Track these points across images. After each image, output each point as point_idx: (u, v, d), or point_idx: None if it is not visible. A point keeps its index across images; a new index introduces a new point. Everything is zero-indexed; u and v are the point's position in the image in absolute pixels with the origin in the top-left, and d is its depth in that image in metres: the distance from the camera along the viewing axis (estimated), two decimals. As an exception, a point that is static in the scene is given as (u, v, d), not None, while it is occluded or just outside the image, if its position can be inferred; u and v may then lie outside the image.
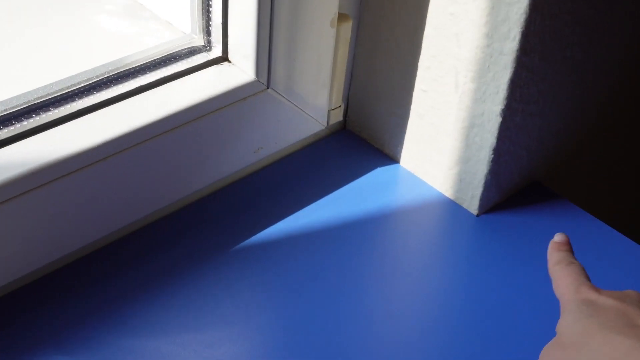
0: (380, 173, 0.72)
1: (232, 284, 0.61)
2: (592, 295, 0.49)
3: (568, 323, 0.47)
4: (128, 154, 0.57)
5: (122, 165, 0.57)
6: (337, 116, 0.71)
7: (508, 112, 0.62)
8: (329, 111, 0.69)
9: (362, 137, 0.75)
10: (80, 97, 0.58)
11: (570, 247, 0.56)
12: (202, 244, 0.63)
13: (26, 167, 0.53)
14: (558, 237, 0.57)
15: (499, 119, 0.62)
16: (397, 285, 0.63)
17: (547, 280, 0.62)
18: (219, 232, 0.64)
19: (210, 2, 0.62)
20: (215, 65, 0.63)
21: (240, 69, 0.62)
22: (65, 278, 0.59)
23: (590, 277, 0.55)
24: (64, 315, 0.57)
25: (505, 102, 0.61)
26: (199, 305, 0.59)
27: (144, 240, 0.63)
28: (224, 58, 0.63)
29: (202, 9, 0.63)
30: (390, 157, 0.73)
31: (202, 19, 0.63)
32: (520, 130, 0.65)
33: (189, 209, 0.66)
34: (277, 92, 0.64)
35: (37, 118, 0.56)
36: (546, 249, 0.65)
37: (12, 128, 0.55)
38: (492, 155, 0.64)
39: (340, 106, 0.71)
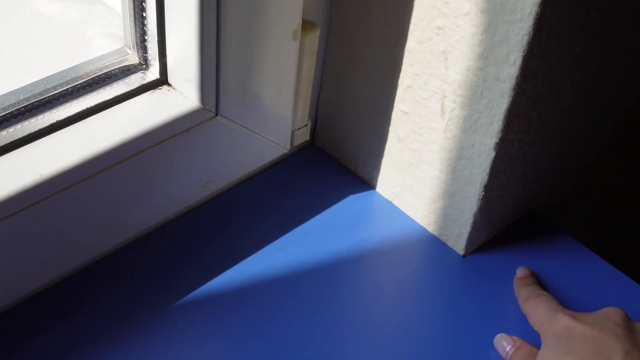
0: (353, 200, 0.62)
1: (169, 343, 0.51)
2: (569, 322, 0.49)
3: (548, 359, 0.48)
4: (40, 207, 0.46)
5: (33, 219, 0.47)
6: (303, 136, 0.60)
7: (503, 145, 0.52)
8: (292, 132, 0.59)
9: (333, 155, 0.65)
10: (-12, 133, 0.47)
11: (534, 279, 0.56)
12: (136, 293, 0.53)
13: None
14: (520, 272, 0.57)
15: (492, 153, 0.52)
16: (370, 334, 0.53)
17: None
18: (156, 280, 0.54)
19: (144, 12, 0.50)
20: (152, 90, 0.52)
21: (183, 95, 0.52)
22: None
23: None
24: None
25: (500, 135, 0.51)
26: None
27: (74, 287, 0.53)
28: (162, 81, 0.52)
29: (135, 16, 0.51)
30: (364, 181, 0.63)
31: (136, 29, 0.52)
32: (516, 161, 0.55)
33: (124, 252, 0.56)
34: (228, 119, 0.53)
35: None
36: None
37: None
38: (483, 193, 0.54)
39: (306, 125, 0.60)
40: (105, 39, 0.71)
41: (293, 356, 0.51)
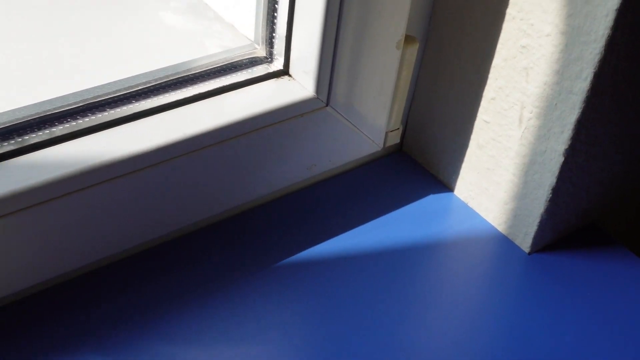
0: (433, 200, 0.70)
1: (271, 301, 0.60)
2: None
3: None
4: (179, 161, 0.56)
5: (173, 172, 0.56)
6: (395, 138, 0.69)
7: (571, 153, 0.60)
8: (386, 133, 0.68)
9: (418, 161, 0.73)
10: (137, 100, 0.57)
11: None
12: (245, 256, 0.62)
13: (77, 166, 0.52)
14: None
15: (561, 159, 0.60)
16: (439, 317, 0.61)
17: (595, 325, 0.61)
18: (263, 246, 0.63)
19: (275, 14, 0.61)
20: (275, 79, 0.61)
21: (301, 85, 0.61)
22: (106, 279, 0.59)
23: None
24: (102, 316, 0.57)
25: (569, 142, 0.59)
26: (236, 318, 0.58)
27: (187, 248, 0.62)
28: (284, 72, 0.62)
29: (267, 19, 0.61)
30: (444, 185, 0.71)
31: (266, 29, 0.62)
32: (582, 171, 0.63)
33: (236, 220, 0.65)
34: (336, 111, 0.63)
35: (93, 117, 0.55)
36: (598, 293, 0.63)
37: (67, 125, 0.55)
38: (551, 195, 0.62)
39: (398, 128, 0.69)
40: (221, 50, 0.81)
41: (374, 320, 0.59)
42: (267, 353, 0.56)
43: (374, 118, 0.65)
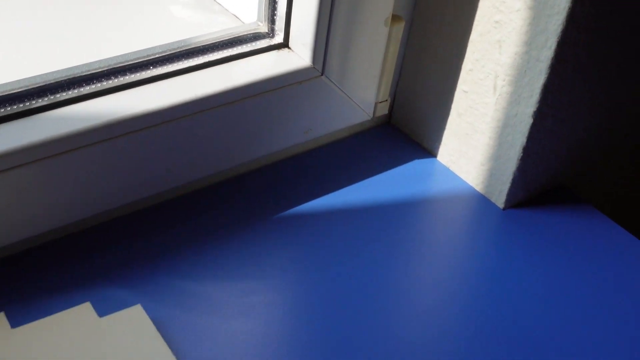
0: (417, 165, 0.77)
1: (271, 247, 0.67)
2: None
3: None
4: (190, 119, 0.63)
5: (184, 129, 0.64)
6: (383, 109, 0.77)
7: (539, 115, 0.68)
8: (375, 103, 0.75)
9: (405, 131, 0.81)
10: (154, 67, 0.65)
11: None
12: (247, 211, 0.70)
13: (101, 120, 0.60)
14: None
15: (530, 121, 0.68)
16: (423, 264, 0.68)
17: (562, 271, 0.68)
18: (264, 202, 0.71)
19: (276, -4, 0.68)
20: (276, 50, 0.69)
21: (299, 56, 0.69)
22: (134, 223, 0.67)
23: (610, 283, 0.62)
24: (128, 255, 0.64)
25: (537, 106, 0.67)
26: (243, 260, 0.65)
27: (197, 202, 0.70)
28: (284, 45, 0.70)
29: (269, 1, 0.69)
30: (428, 152, 0.79)
31: (268, 9, 0.70)
32: (550, 134, 0.70)
33: (239, 180, 0.72)
34: (330, 80, 0.70)
35: (116, 80, 0.63)
36: (566, 246, 0.70)
37: (93, 86, 0.62)
38: (522, 154, 0.70)
39: (386, 100, 0.77)
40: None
41: (362, 267, 0.66)
42: (266, 287, 0.64)
43: (365, 89, 0.73)
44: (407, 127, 0.81)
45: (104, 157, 0.61)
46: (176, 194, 0.69)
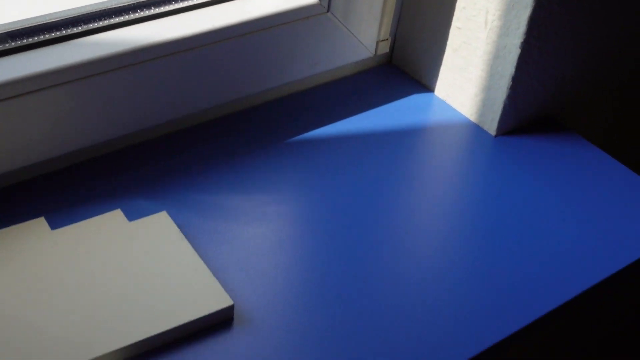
0: (416, 99, 0.84)
1: (282, 168, 0.74)
2: None
3: None
4: (210, 48, 0.70)
5: (204, 56, 0.71)
6: (384, 48, 0.83)
7: (526, 47, 0.74)
8: (377, 42, 0.82)
9: (405, 70, 0.87)
10: (175, 1, 0.72)
11: None
12: (262, 136, 0.77)
13: (129, 46, 0.67)
14: None
15: (518, 51, 0.74)
16: (421, 187, 0.75)
17: (547, 193, 0.74)
18: (274, 130, 0.78)
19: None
20: (285, -12, 0.76)
21: (307, -7, 0.76)
22: (159, 147, 0.74)
23: (593, 209, 0.69)
24: (154, 174, 0.71)
25: (524, 37, 0.73)
26: (258, 178, 0.72)
27: (218, 128, 0.77)
28: (293, -17, 0.77)
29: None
30: (426, 87, 0.85)
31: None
32: (537, 65, 0.77)
33: (252, 111, 0.79)
34: (335, 17, 0.77)
35: (141, 12, 0.70)
36: (552, 170, 0.77)
37: (121, 17, 0.69)
38: (511, 83, 0.76)
39: (387, 39, 0.83)
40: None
41: (364, 188, 0.73)
42: (277, 200, 0.71)
43: (367, 26, 0.80)
44: (407, 66, 0.87)
45: (131, 81, 0.68)
46: (195, 122, 0.76)
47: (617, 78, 0.88)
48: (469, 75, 0.80)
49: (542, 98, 0.81)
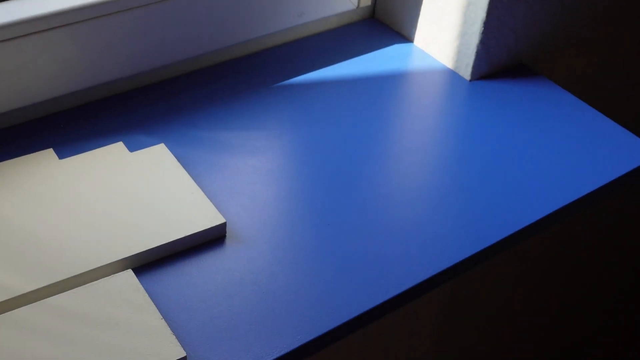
0: (396, 49, 0.90)
1: (271, 108, 0.80)
2: None
3: None
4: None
5: (194, 2, 0.76)
6: (366, 0, 0.89)
7: (496, -7, 0.80)
8: (360, -6, 0.88)
9: (386, 23, 0.93)
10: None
11: None
12: (252, 80, 0.83)
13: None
14: None
15: (488, -3, 0.80)
16: (402, 127, 0.81)
17: (518, 131, 0.80)
18: (264, 75, 0.83)
19: None
20: (273, -56, 0.82)
21: (292, -55, 0.82)
22: (158, 90, 0.80)
23: (561, 144, 0.73)
24: (152, 113, 0.77)
25: (494, -17, 0.79)
26: (249, 117, 0.78)
27: (209, 74, 0.83)
28: (281, -62, 0.82)
29: None
30: (406, 38, 0.91)
31: None
32: (507, 11, 0.83)
33: (243, 59, 0.85)
34: (320, -31, 0.83)
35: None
36: (523, 110, 0.82)
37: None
38: (483, 28, 0.82)
39: (369, -8, 0.89)
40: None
41: (351, 130, 0.79)
42: (267, 135, 0.77)
43: (349, -21, 0.86)
44: (388, 19, 0.93)
45: (129, 25, 0.74)
46: (189, 69, 0.82)
47: (587, 28, 0.94)
48: (444, 23, 0.86)
49: (514, 45, 0.87)
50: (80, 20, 0.71)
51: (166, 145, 0.73)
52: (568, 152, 0.78)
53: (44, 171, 0.68)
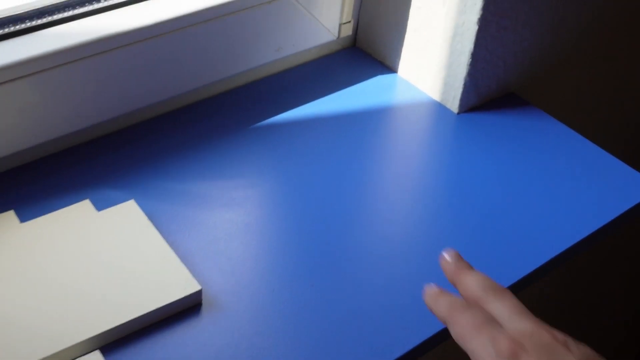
0: (380, 80, 0.85)
1: (249, 153, 0.75)
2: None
3: None
4: (174, 35, 0.72)
5: (169, 44, 0.72)
6: (347, 30, 0.84)
7: (483, 23, 0.75)
8: (340, 24, 0.83)
9: (368, 52, 0.88)
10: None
11: (463, 263, 0.51)
12: (227, 123, 0.78)
13: (93, 35, 0.68)
14: (447, 254, 0.51)
15: (475, 27, 0.75)
16: (388, 163, 0.76)
17: (510, 165, 0.76)
18: (241, 115, 0.79)
19: None
20: (245, -26, 0.77)
21: (268, -20, 0.77)
22: (125, 138, 0.75)
23: (557, 180, 0.70)
24: (121, 164, 0.72)
25: (481, 13, 0.75)
26: (225, 164, 0.73)
27: (182, 116, 0.78)
28: (252, -31, 0.78)
29: None
30: (390, 68, 0.87)
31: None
32: (495, 40, 0.78)
33: (218, 98, 0.80)
34: (297, 1, 0.78)
35: (105, 2, 0.71)
36: (514, 143, 0.78)
37: (85, 8, 0.70)
38: (470, 60, 0.77)
39: (350, 21, 0.84)
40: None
41: (332, 169, 0.74)
42: (244, 185, 0.72)
43: (329, 9, 0.81)
44: (370, 48, 0.88)
45: (96, 71, 0.69)
46: (160, 111, 0.77)
47: (577, 53, 0.90)
48: (429, 54, 0.81)
49: (503, 74, 0.82)
50: (40, 70, 0.66)
51: (136, 200, 0.68)
52: (565, 189, 0.74)
53: (3, 238, 0.63)
